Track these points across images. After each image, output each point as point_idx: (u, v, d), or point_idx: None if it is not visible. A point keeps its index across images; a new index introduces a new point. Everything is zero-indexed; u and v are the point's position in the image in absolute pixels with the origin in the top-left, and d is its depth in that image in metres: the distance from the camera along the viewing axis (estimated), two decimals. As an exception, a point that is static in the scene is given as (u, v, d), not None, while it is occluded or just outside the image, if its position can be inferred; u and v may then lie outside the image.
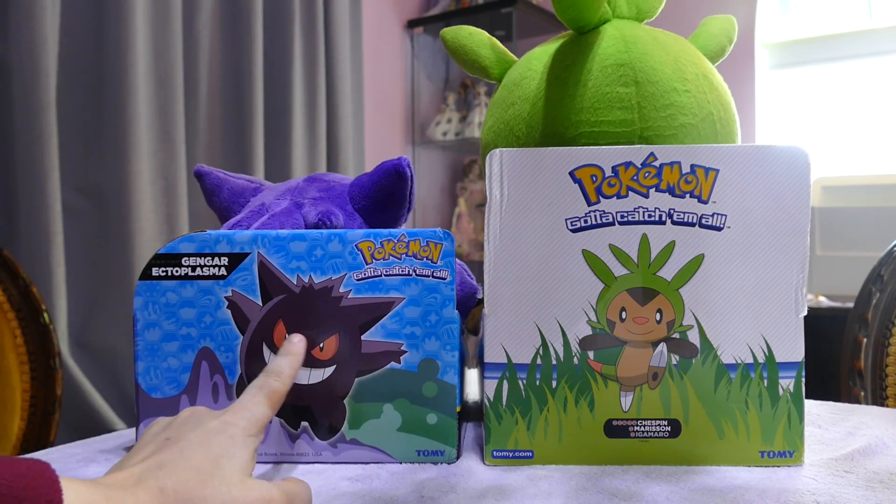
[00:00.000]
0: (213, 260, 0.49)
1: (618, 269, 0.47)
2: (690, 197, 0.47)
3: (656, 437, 0.48)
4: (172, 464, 0.36)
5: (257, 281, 0.49)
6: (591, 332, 0.48)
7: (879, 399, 0.88)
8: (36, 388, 0.97)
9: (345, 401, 0.49)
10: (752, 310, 0.47)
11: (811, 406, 0.63)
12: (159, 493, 0.34)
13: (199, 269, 0.49)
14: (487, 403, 0.49)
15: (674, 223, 0.47)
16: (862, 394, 0.89)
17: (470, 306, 0.61)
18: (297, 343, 0.47)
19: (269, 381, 0.43)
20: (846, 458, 0.49)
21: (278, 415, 0.49)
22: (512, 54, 0.63)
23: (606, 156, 0.47)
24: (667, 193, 0.47)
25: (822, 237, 1.85)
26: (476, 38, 0.62)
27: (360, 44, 2.37)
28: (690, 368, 0.48)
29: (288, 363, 0.45)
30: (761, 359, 0.47)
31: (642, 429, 0.48)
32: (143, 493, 0.34)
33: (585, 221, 0.47)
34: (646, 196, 0.47)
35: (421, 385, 0.49)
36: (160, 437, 0.39)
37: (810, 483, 0.45)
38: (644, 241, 0.47)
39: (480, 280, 0.55)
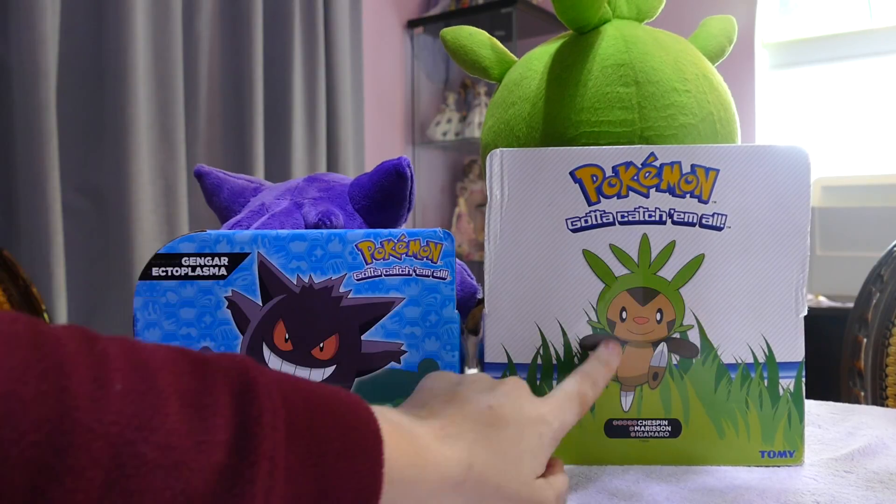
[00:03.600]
0: (213, 260, 0.49)
1: (618, 269, 0.47)
2: (691, 197, 0.47)
3: (656, 436, 0.48)
4: (486, 443, 0.36)
5: (257, 281, 0.49)
6: (591, 332, 0.48)
7: (879, 399, 0.88)
8: (36, 388, 0.96)
9: (345, 401, 0.49)
10: (752, 310, 0.47)
11: (811, 406, 0.63)
12: (466, 469, 0.35)
13: (199, 269, 0.49)
14: (487, 403, 0.49)
15: (674, 223, 0.47)
16: (862, 394, 0.89)
17: (470, 306, 0.61)
18: (615, 355, 0.46)
19: (586, 390, 0.42)
20: (846, 458, 0.49)
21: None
22: (512, 54, 0.63)
23: (607, 156, 0.47)
24: (667, 193, 0.47)
25: (822, 237, 1.85)
26: (476, 38, 0.62)
27: (360, 44, 2.37)
28: (691, 368, 0.48)
29: (604, 374, 0.44)
30: (761, 359, 0.47)
31: (642, 429, 0.48)
32: (454, 464, 0.34)
33: (586, 221, 0.47)
34: (646, 196, 0.47)
35: (421, 385, 0.49)
36: (483, 403, 0.37)
37: (810, 483, 0.45)
38: (644, 241, 0.47)
39: (480, 280, 0.55)
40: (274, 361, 0.49)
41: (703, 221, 0.47)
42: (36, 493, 0.23)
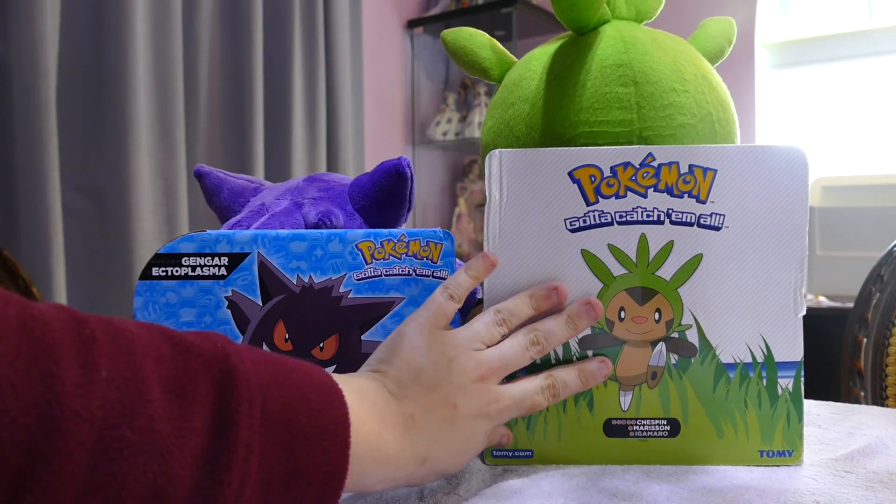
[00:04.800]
0: (213, 260, 0.49)
1: (616, 269, 0.47)
2: (689, 197, 0.47)
3: (655, 436, 0.48)
4: (443, 441, 0.40)
5: (257, 281, 0.49)
6: (590, 332, 0.48)
7: (879, 399, 0.88)
8: (36, 388, 0.96)
9: (344, 401, 0.49)
10: (750, 309, 0.47)
11: (811, 406, 0.63)
12: (421, 463, 0.39)
13: (199, 269, 0.49)
14: (487, 403, 0.49)
15: (672, 223, 0.47)
16: (862, 394, 0.89)
17: (470, 306, 0.61)
18: (598, 374, 0.47)
19: (540, 400, 0.46)
20: (846, 458, 0.49)
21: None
22: (512, 55, 0.63)
23: (605, 156, 0.47)
24: (665, 193, 0.47)
25: (822, 237, 1.85)
26: (476, 39, 0.62)
27: (360, 44, 2.37)
28: (689, 368, 0.48)
29: (572, 386, 0.47)
30: (760, 358, 0.48)
31: (641, 428, 0.48)
32: (410, 457, 0.39)
33: (584, 221, 0.47)
34: (644, 196, 0.47)
35: (420, 385, 0.49)
36: (452, 400, 0.41)
37: (810, 483, 0.45)
38: (643, 241, 0.47)
39: (480, 280, 0.55)
40: (273, 361, 0.49)
41: (702, 221, 0.47)
42: (24, 474, 0.24)
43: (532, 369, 0.48)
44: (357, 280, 0.49)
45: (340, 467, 0.33)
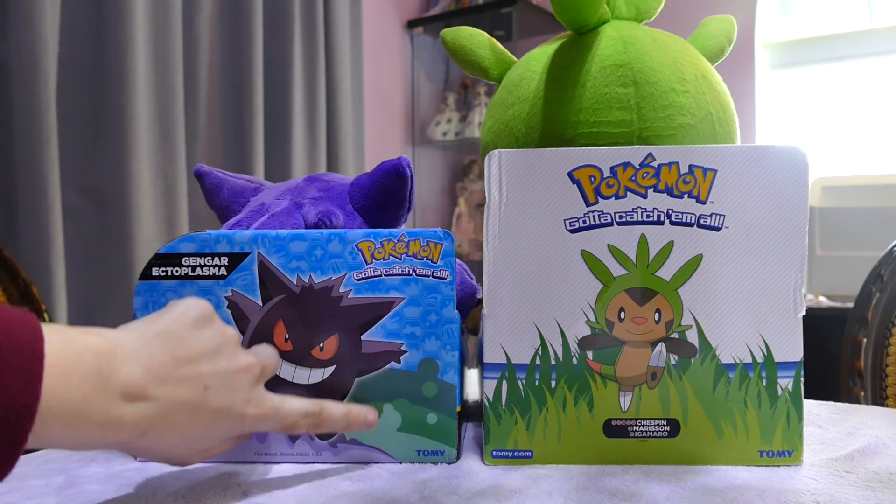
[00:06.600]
0: (213, 260, 0.49)
1: (616, 270, 0.47)
2: (689, 197, 0.47)
3: (655, 436, 0.48)
4: (176, 422, 0.36)
5: (257, 281, 0.49)
6: (589, 333, 0.48)
7: (879, 399, 0.88)
8: (36, 388, 0.96)
9: (345, 401, 0.49)
10: (750, 309, 0.47)
11: (811, 406, 0.63)
12: (139, 436, 0.35)
13: (199, 269, 0.49)
14: (487, 403, 0.49)
15: (672, 223, 0.47)
16: (862, 394, 0.89)
17: (470, 306, 0.61)
18: (362, 422, 0.46)
19: (300, 421, 0.42)
20: (846, 458, 0.49)
21: (278, 415, 0.49)
22: (511, 55, 0.63)
23: (605, 156, 0.47)
24: (665, 194, 0.47)
25: (822, 237, 1.85)
26: (476, 39, 0.62)
27: (360, 44, 2.37)
28: (689, 368, 0.48)
29: (337, 423, 0.45)
30: (760, 358, 0.48)
31: (641, 429, 0.48)
32: (126, 430, 0.34)
33: (584, 222, 0.47)
34: (644, 196, 0.47)
35: (421, 385, 0.49)
36: (204, 381, 0.37)
37: (810, 483, 0.45)
38: (643, 242, 0.47)
39: (480, 280, 0.55)
40: (273, 361, 0.49)
41: (702, 222, 0.47)
42: None
43: (542, 363, 0.48)
44: (357, 280, 0.49)
45: (27, 411, 0.29)
